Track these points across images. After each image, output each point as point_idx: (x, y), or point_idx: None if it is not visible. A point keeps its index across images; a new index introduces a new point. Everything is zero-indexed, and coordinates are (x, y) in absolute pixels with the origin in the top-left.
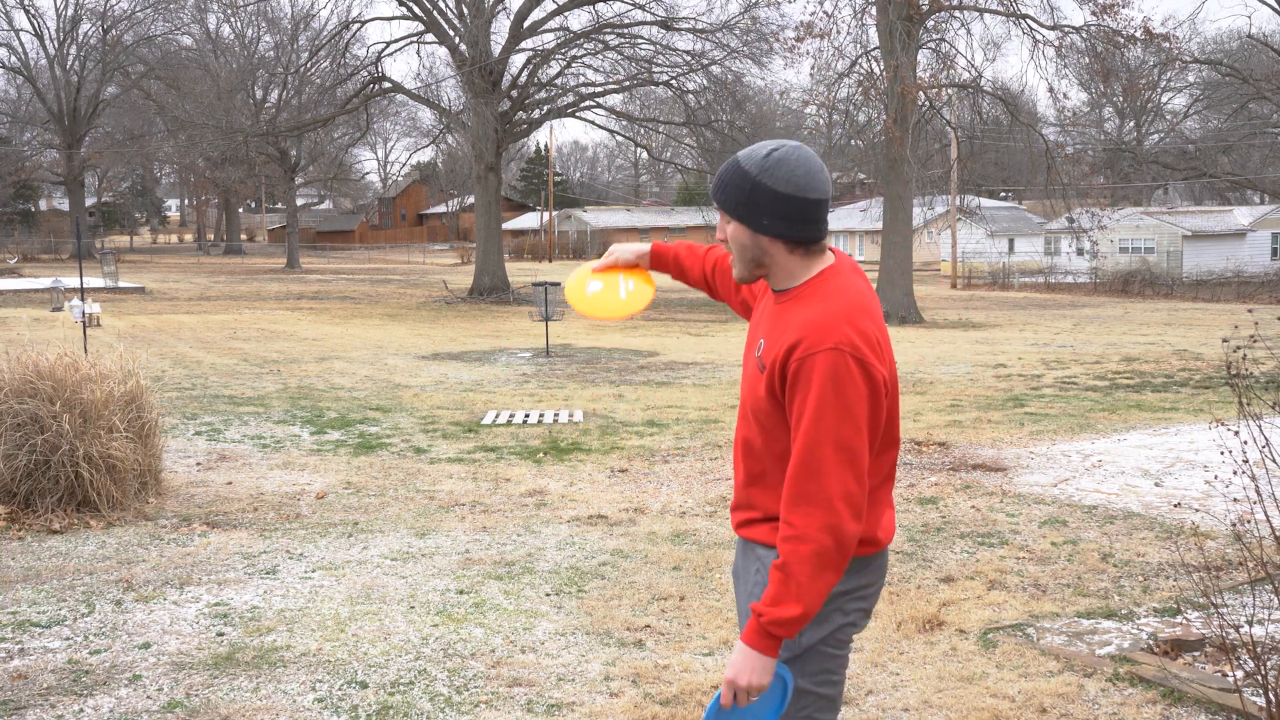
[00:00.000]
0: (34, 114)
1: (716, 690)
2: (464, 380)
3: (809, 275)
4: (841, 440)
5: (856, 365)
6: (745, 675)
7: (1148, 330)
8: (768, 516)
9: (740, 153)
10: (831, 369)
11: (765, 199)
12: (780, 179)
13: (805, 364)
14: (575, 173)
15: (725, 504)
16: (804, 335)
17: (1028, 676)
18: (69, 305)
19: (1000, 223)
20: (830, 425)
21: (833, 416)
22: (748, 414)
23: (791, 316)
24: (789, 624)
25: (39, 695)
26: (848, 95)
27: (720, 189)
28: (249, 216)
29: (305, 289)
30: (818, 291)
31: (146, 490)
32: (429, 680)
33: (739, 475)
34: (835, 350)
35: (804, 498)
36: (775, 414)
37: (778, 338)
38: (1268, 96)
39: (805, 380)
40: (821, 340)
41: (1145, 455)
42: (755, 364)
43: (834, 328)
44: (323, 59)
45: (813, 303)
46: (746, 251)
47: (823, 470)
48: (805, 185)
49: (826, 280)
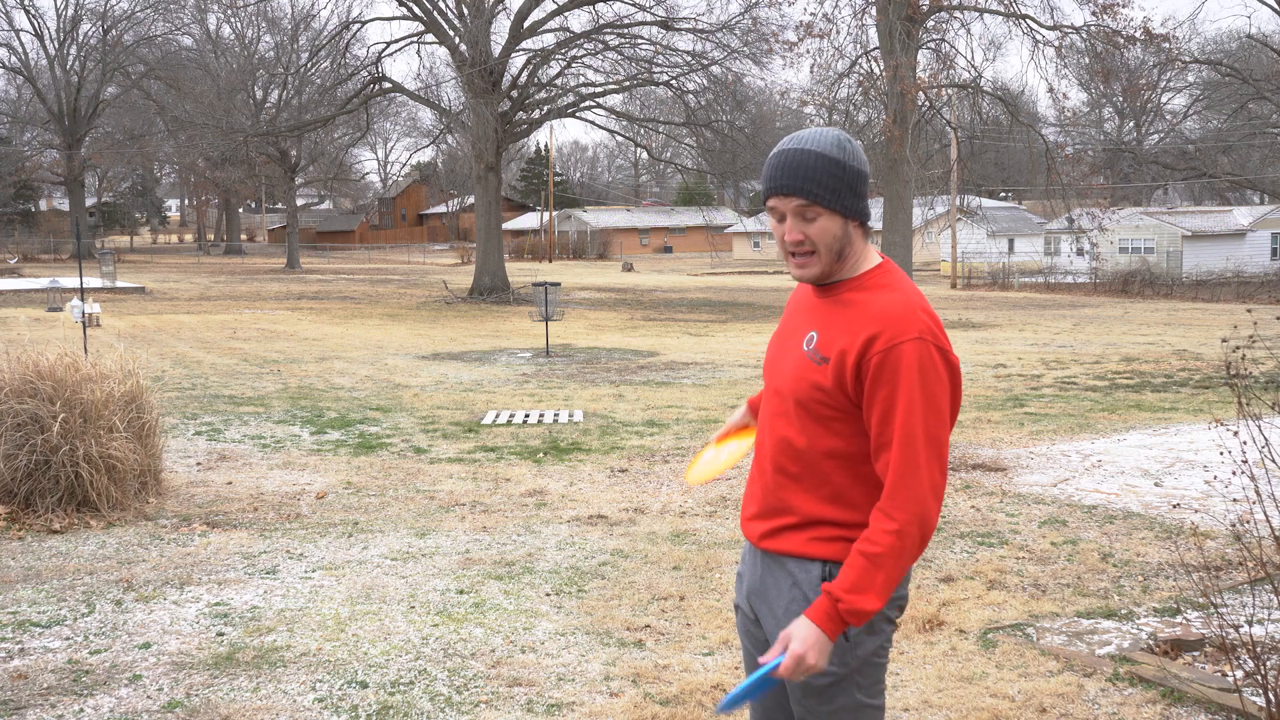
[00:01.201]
0: (34, 114)
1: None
2: (464, 380)
3: (868, 265)
4: (930, 432)
5: (939, 354)
6: (814, 655)
7: (1147, 330)
8: (805, 521)
9: (801, 144)
10: (918, 359)
11: (858, 182)
12: (861, 159)
13: (890, 355)
14: (575, 173)
15: (725, 504)
16: (884, 326)
17: (1027, 676)
18: (69, 305)
19: (1000, 223)
20: (921, 417)
21: (922, 408)
22: (788, 411)
23: (857, 307)
24: (864, 616)
25: (39, 695)
26: (848, 95)
27: (808, 181)
28: (249, 216)
29: (305, 289)
30: (883, 281)
31: (146, 490)
32: (429, 680)
33: (767, 479)
34: (919, 340)
35: (902, 491)
36: (836, 408)
37: (842, 329)
38: (1268, 96)
39: (891, 372)
40: (904, 330)
41: (1145, 455)
42: (806, 357)
43: (914, 317)
44: (323, 59)
45: (882, 292)
46: (836, 243)
47: (918, 463)
48: (866, 162)
49: (889, 270)
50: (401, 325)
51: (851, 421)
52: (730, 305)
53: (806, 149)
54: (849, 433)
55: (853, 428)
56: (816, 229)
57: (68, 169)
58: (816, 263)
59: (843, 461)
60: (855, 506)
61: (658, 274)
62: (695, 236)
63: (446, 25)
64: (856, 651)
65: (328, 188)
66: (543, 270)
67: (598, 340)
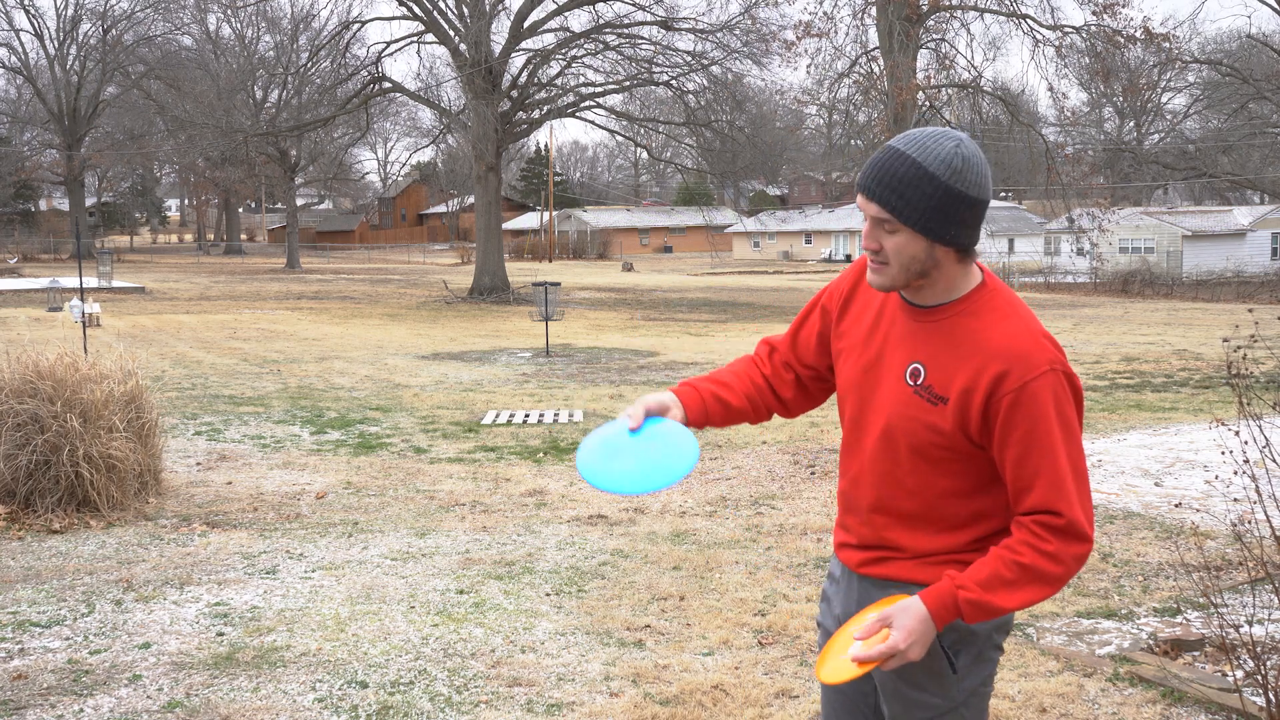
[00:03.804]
0: (34, 114)
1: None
2: (464, 380)
3: (969, 287)
4: (1076, 465)
5: (1068, 381)
6: (917, 649)
7: (1147, 330)
8: (916, 555)
9: (907, 146)
10: (1054, 394)
11: (959, 208)
12: (973, 183)
13: (1024, 395)
14: (575, 173)
15: (725, 504)
16: (1013, 362)
17: (1028, 676)
18: (69, 305)
19: (1000, 223)
20: (1066, 452)
21: (1065, 444)
22: (898, 448)
23: (972, 337)
24: (988, 613)
25: (39, 695)
26: (848, 95)
27: (893, 193)
28: (249, 216)
29: (305, 289)
30: (994, 305)
31: (146, 490)
32: (429, 680)
33: (864, 516)
34: (1052, 372)
35: (1070, 528)
36: (953, 450)
37: (958, 363)
38: (1268, 96)
39: (1028, 409)
40: (1035, 364)
41: (1145, 455)
42: (914, 393)
43: (1039, 347)
44: (323, 59)
45: (997, 319)
46: (916, 263)
47: (1075, 499)
48: (987, 187)
49: (997, 292)
50: (401, 325)
51: (969, 462)
52: (730, 305)
53: (908, 155)
54: (965, 472)
55: (969, 467)
56: (894, 244)
57: (68, 169)
58: (888, 275)
59: (958, 499)
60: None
61: (658, 274)
62: (695, 236)
63: (446, 25)
64: (963, 684)
65: (328, 188)
66: (543, 270)
67: (598, 340)
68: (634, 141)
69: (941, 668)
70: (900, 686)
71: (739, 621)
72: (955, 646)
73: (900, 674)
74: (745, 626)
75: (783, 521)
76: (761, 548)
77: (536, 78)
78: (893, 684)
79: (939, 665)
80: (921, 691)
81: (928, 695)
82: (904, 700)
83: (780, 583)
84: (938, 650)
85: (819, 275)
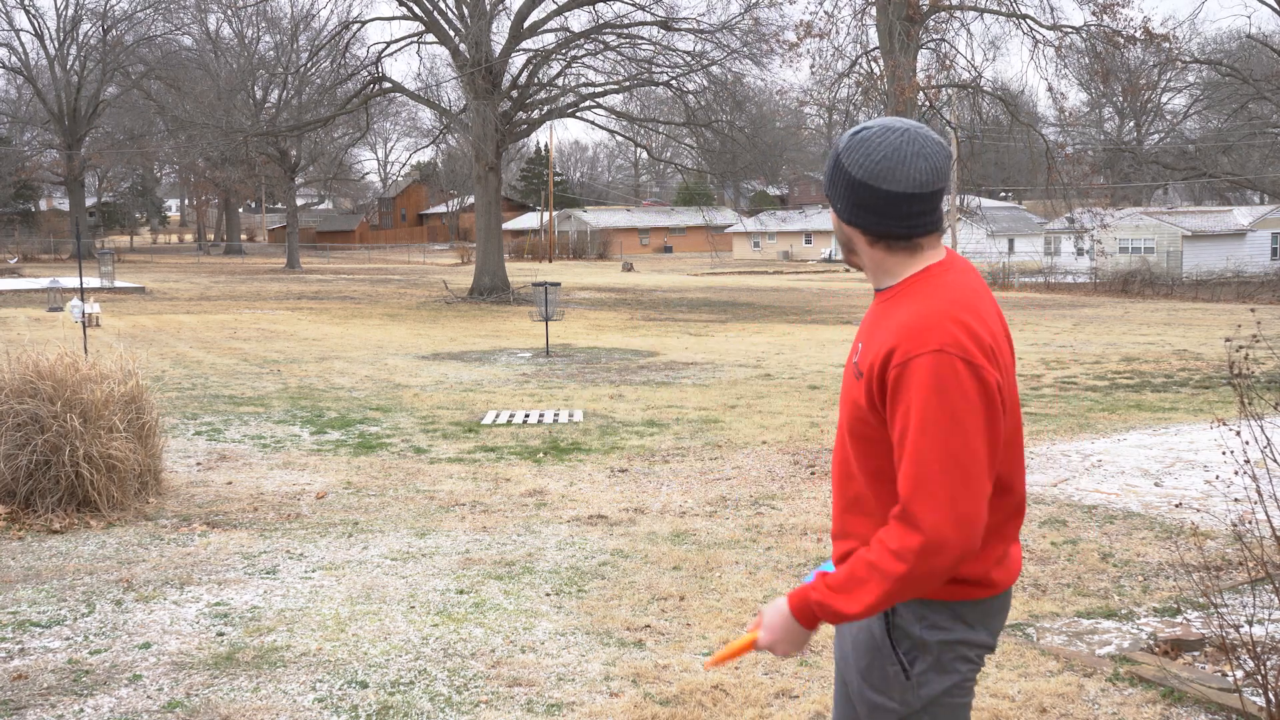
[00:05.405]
0: (34, 114)
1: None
2: (464, 380)
3: (909, 272)
4: (950, 454)
5: (966, 368)
6: (782, 645)
7: (1148, 330)
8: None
9: (848, 131)
10: (934, 374)
11: (842, 182)
12: (855, 162)
13: (906, 370)
14: (575, 173)
15: (725, 504)
16: (902, 338)
17: (1028, 676)
18: (69, 305)
19: (1000, 223)
20: (936, 438)
21: (938, 428)
22: (844, 431)
23: (888, 318)
24: (837, 618)
25: (39, 695)
26: (848, 95)
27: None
28: (249, 216)
29: (305, 289)
30: (918, 289)
31: (146, 490)
32: (429, 680)
33: (836, 502)
34: (939, 353)
35: (909, 517)
36: (874, 426)
37: (874, 342)
38: (1268, 96)
39: (906, 388)
40: (923, 342)
41: (1145, 455)
42: (853, 371)
43: (936, 327)
44: (323, 59)
45: (911, 301)
46: (839, 232)
47: (930, 490)
48: (881, 174)
49: (930, 277)
50: (401, 325)
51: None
52: (730, 305)
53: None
54: (889, 454)
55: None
56: (834, 224)
57: (68, 169)
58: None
59: (892, 483)
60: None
61: (658, 274)
62: (695, 236)
63: (447, 25)
64: (921, 691)
65: (327, 188)
66: (543, 270)
67: (598, 340)
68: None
69: (896, 673)
70: (864, 688)
71: (739, 621)
72: (910, 654)
73: (864, 676)
74: (745, 626)
75: (783, 521)
76: (761, 548)
77: (537, 78)
78: (857, 685)
79: (894, 670)
80: (880, 694)
81: (885, 699)
82: (866, 702)
83: (780, 583)
84: (892, 655)
85: (819, 275)
